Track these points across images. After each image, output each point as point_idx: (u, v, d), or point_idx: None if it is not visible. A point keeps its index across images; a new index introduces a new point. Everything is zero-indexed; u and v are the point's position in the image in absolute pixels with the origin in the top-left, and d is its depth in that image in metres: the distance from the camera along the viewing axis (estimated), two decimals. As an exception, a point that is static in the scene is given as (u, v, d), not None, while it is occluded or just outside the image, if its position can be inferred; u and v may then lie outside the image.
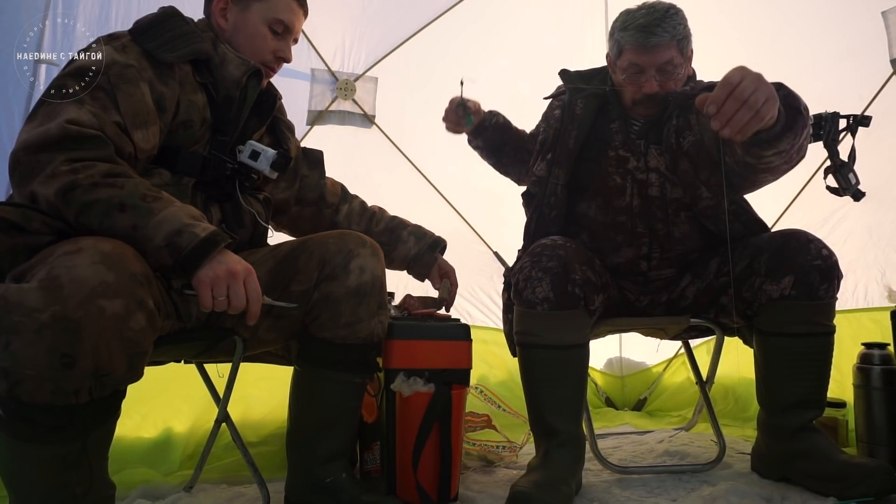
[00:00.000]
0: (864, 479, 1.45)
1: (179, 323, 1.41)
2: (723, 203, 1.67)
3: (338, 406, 1.46)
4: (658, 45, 1.71)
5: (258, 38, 1.51)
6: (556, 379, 1.65)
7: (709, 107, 1.26)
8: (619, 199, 1.84)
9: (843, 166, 1.72)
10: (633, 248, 1.85)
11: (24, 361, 1.01)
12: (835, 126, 1.72)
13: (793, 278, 1.60)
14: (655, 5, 1.76)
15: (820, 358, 1.64)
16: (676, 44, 1.73)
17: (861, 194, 1.73)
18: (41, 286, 1.01)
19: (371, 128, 2.95)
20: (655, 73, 1.74)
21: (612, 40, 1.81)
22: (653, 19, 1.71)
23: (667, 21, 1.71)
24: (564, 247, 1.66)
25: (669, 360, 3.16)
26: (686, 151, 1.75)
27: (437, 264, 1.86)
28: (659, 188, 1.81)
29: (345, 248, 1.44)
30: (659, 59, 1.73)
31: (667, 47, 1.72)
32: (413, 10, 2.89)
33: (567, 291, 1.62)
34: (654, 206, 1.82)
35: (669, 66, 1.74)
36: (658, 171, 1.81)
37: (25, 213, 1.16)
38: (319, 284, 1.42)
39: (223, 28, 1.50)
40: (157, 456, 2.03)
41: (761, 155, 1.42)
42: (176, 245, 1.14)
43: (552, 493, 1.46)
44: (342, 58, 2.84)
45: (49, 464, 1.10)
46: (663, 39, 1.70)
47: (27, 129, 1.21)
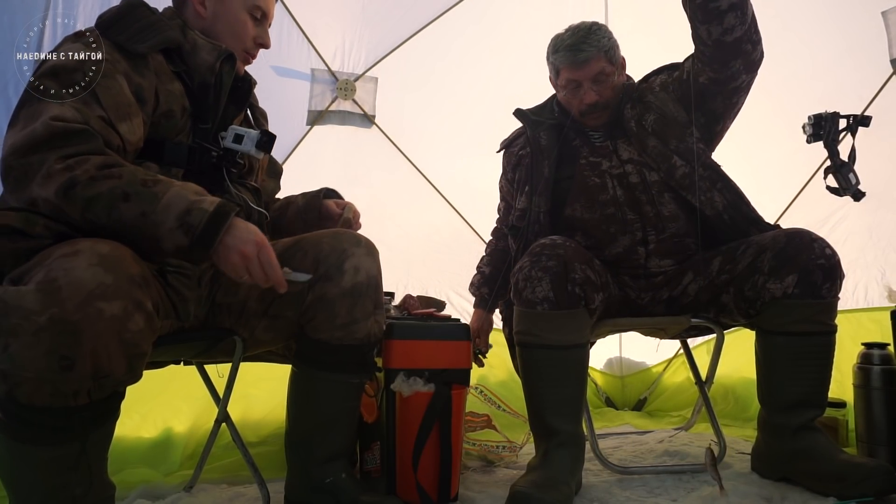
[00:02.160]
0: (864, 478, 1.45)
1: (178, 322, 1.41)
2: (696, 168, 1.82)
3: (336, 407, 1.45)
4: (588, 59, 1.88)
5: (239, 24, 1.51)
6: (556, 379, 1.65)
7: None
8: (603, 194, 1.91)
9: (843, 166, 1.72)
10: (628, 236, 1.88)
11: (23, 364, 1.00)
12: (835, 126, 1.72)
13: (796, 277, 1.61)
14: (579, 25, 1.94)
15: (821, 357, 1.65)
16: (604, 55, 1.89)
17: (861, 194, 1.73)
18: (39, 289, 1.01)
19: (371, 128, 2.95)
20: (591, 84, 1.91)
21: (549, 64, 1.99)
22: (578, 38, 1.89)
23: (591, 37, 1.89)
24: (564, 246, 1.67)
25: (669, 360, 3.17)
26: (652, 130, 1.90)
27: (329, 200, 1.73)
28: (638, 174, 1.90)
29: (339, 247, 1.42)
30: (591, 71, 1.90)
31: (596, 60, 1.89)
32: (413, 10, 2.89)
33: (567, 291, 1.62)
34: (637, 192, 1.89)
35: (602, 76, 1.91)
36: (632, 161, 1.92)
37: (28, 217, 1.14)
38: (314, 285, 1.40)
39: (202, 16, 1.49)
40: (157, 456, 2.04)
41: (716, 12, 1.64)
42: (188, 224, 1.14)
43: (552, 492, 1.46)
44: (342, 58, 2.84)
45: (48, 465, 1.10)
46: (591, 54, 1.88)
47: (11, 134, 1.17)
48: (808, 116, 1.75)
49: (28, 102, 1.21)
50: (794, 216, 2.75)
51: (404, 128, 2.99)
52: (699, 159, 1.83)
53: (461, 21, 2.93)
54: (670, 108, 1.91)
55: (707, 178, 1.85)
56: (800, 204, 2.78)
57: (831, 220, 2.60)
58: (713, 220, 1.84)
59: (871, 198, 1.82)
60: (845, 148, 1.74)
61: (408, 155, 3.01)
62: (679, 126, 1.89)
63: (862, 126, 1.74)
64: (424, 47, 2.92)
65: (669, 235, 1.88)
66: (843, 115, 1.73)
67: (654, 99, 1.93)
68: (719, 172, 1.88)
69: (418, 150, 3.02)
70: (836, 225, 2.60)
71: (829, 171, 1.74)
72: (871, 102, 2.54)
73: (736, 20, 1.66)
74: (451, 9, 2.92)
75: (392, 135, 2.98)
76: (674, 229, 1.88)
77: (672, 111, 1.90)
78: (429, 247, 2.98)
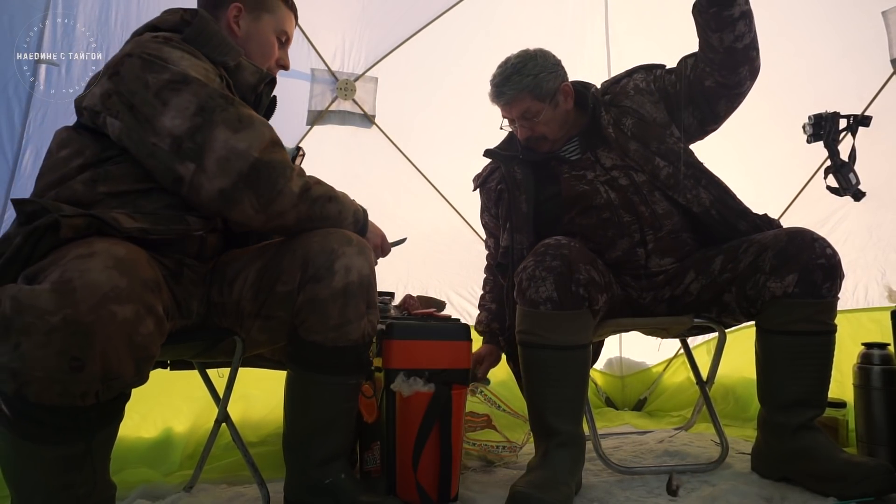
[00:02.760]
0: (865, 478, 1.45)
1: (182, 320, 1.42)
2: (680, 168, 1.85)
3: (333, 408, 1.45)
4: (510, 100, 1.93)
5: (268, 46, 1.61)
6: (557, 379, 1.64)
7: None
8: (597, 198, 1.90)
9: (844, 166, 1.72)
10: (626, 238, 1.88)
11: (34, 363, 1.01)
12: (835, 126, 1.72)
13: (796, 276, 1.62)
14: (507, 61, 1.96)
15: (821, 356, 1.65)
16: (529, 93, 1.91)
17: (861, 194, 1.73)
18: (54, 288, 1.02)
19: (371, 128, 2.95)
20: (521, 121, 1.95)
21: None
22: (502, 78, 1.93)
23: (514, 77, 1.91)
24: (568, 246, 1.67)
25: (669, 360, 3.17)
26: (631, 134, 1.90)
27: None
28: (626, 177, 1.90)
29: (328, 247, 1.39)
30: (516, 110, 1.94)
31: (519, 100, 1.92)
32: (413, 10, 2.89)
33: (571, 291, 1.62)
34: (629, 193, 1.89)
35: (529, 114, 1.93)
36: (616, 166, 1.92)
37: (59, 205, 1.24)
38: (304, 286, 1.38)
39: (236, 35, 1.56)
40: (157, 456, 2.04)
41: (730, 20, 1.69)
42: (357, 219, 1.50)
43: (552, 493, 1.46)
44: (342, 58, 2.84)
45: (53, 464, 1.10)
46: (512, 95, 1.92)
47: (232, 137, 1.29)
48: (808, 116, 1.75)
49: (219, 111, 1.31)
50: (794, 216, 2.75)
51: (404, 128, 2.99)
52: (683, 159, 1.85)
53: (461, 21, 2.94)
54: (648, 109, 1.92)
55: (691, 175, 1.87)
56: (800, 204, 2.78)
57: (831, 220, 2.60)
58: (702, 217, 1.86)
59: (871, 198, 1.83)
60: (845, 148, 1.74)
61: (408, 155, 3.01)
62: (658, 127, 1.90)
63: (862, 126, 1.74)
64: (424, 47, 2.92)
65: (666, 233, 1.89)
66: (843, 115, 1.74)
67: (631, 102, 1.94)
68: (702, 169, 1.90)
69: (418, 150, 3.02)
70: (836, 225, 2.60)
71: (829, 171, 1.74)
72: (871, 102, 2.54)
73: (745, 28, 1.72)
74: (451, 9, 2.92)
75: (392, 135, 2.98)
76: (670, 226, 1.89)
77: (650, 113, 1.92)
78: (429, 247, 2.98)
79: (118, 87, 1.32)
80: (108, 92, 1.32)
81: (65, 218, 1.14)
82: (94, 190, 1.30)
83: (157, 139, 1.29)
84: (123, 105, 1.31)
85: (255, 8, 1.58)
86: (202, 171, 1.29)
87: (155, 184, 1.35)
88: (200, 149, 1.28)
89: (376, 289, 1.46)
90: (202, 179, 1.29)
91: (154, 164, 1.31)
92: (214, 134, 1.29)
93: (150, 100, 1.30)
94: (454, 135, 3.02)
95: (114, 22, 2.23)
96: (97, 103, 1.33)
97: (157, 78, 1.31)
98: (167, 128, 1.29)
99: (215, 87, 1.35)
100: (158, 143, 1.29)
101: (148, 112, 1.30)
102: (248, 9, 1.57)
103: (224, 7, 1.56)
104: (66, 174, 1.32)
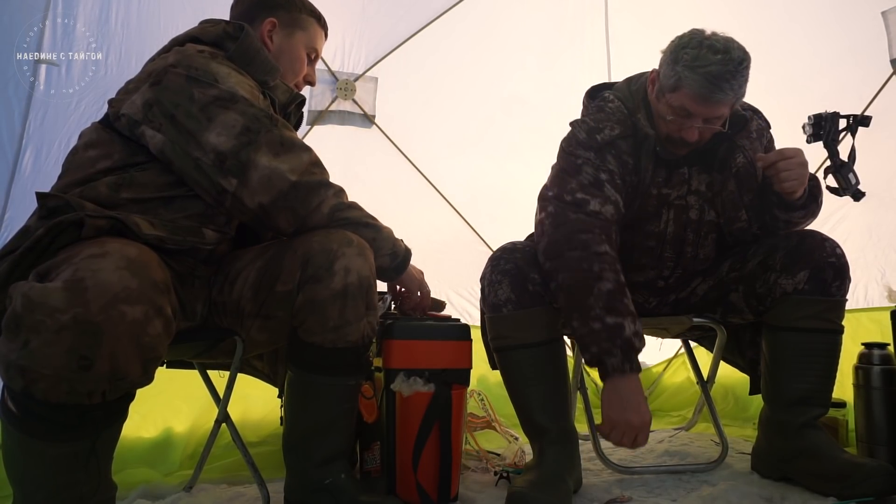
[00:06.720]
0: (866, 478, 1.46)
1: (186, 322, 1.42)
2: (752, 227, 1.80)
3: (332, 409, 1.45)
4: (720, 102, 1.59)
5: (299, 62, 1.63)
6: (534, 377, 1.65)
7: None
8: (654, 225, 1.79)
9: (843, 166, 1.72)
10: (656, 271, 1.86)
11: (42, 361, 1.01)
12: (835, 126, 1.73)
13: (807, 273, 1.64)
14: (731, 52, 1.57)
15: (827, 355, 1.66)
16: (734, 101, 1.64)
17: (861, 194, 1.73)
18: (66, 287, 1.02)
19: (371, 128, 2.95)
20: (703, 122, 1.63)
21: (671, 68, 1.61)
22: (725, 71, 1.55)
23: (737, 77, 1.57)
24: (522, 251, 1.68)
25: (669, 360, 3.17)
26: (736, 172, 1.73)
27: None
28: (698, 210, 1.78)
29: (328, 247, 1.38)
30: (714, 112, 1.62)
31: (726, 104, 1.61)
32: (413, 9, 2.88)
33: (529, 290, 1.63)
34: (688, 230, 1.79)
35: (717, 120, 1.64)
36: (699, 193, 1.77)
37: None
38: (304, 286, 1.38)
39: (269, 48, 1.57)
40: (157, 456, 2.03)
41: (791, 215, 1.73)
42: (395, 254, 1.52)
43: (550, 491, 1.46)
44: (342, 58, 2.84)
45: (57, 462, 1.10)
46: (727, 97, 1.58)
47: (273, 160, 1.35)
48: (808, 116, 1.75)
49: (260, 132, 1.36)
50: (794, 216, 2.75)
51: (404, 128, 2.99)
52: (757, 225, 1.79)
53: (461, 21, 2.93)
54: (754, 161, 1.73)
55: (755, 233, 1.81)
56: (800, 204, 2.78)
57: (831, 220, 2.60)
58: None
59: (871, 198, 1.83)
60: (845, 148, 1.74)
61: (408, 155, 3.01)
62: (756, 181, 1.73)
63: (862, 126, 1.74)
64: (424, 47, 2.91)
65: (691, 273, 1.88)
66: (843, 115, 1.74)
67: (749, 144, 1.74)
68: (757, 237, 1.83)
69: (418, 150, 3.02)
70: (836, 225, 2.59)
71: (829, 171, 1.75)
72: (871, 102, 2.54)
73: (805, 221, 1.79)
74: (451, 9, 2.91)
75: (392, 135, 2.98)
76: (699, 268, 1.87)
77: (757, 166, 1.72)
78: (429, 247, 2.97)
79: (159, 96, 1.34)
80: (150, 102, 1.34)
81: (90, 218, 1.16)
82: (117, 194, 1.32)
83: (200, 153, 1.33)
84: (164, 116, 1.33)
85: (289, 24, 1.60)
86: (244, 187, 1.34)
87: (177, 193, 1.37)
88: (244, 167, 1.34)
89: (376, 290, 1.46)
90: (244, 194, 1.35)
91: (198, 177, 1.34)
92: (258, 154, 1.34)
93: (194, 113, 1.33)
94: (454, 135, 3.02)
95: (114, 22, 2.23)
96: (138, 112, 1.35)
97: (204, 93, 1.33)
98: (212, 143, 1.32)
99: (261, 106, 1.39)
100: (202, 158, 1.33)
101: (192, 126, 1.32)
102: (283, 24, 1.59)
103: (259, 21, 1.57)
104: (91, 174, 1.33)
